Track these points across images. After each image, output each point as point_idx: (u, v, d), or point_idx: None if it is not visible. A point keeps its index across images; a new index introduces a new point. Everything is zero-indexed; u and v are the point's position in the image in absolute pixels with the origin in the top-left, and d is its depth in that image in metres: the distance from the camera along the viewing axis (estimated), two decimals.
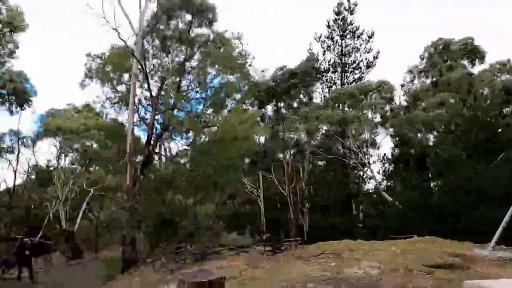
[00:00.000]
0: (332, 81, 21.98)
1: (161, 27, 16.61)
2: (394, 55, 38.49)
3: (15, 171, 27.38)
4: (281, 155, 21.73)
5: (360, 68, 22.14)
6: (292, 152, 19.97)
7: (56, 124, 24.26)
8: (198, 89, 13.78)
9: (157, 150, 11.97)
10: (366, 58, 22.20)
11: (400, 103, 22.46)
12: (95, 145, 25.39)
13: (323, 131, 20.19)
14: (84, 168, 27.19)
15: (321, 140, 19.00)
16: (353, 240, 9.77)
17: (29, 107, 23.67)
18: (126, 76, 13.98)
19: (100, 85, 13.52)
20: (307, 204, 23.14)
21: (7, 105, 23.00)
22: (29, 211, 27.37)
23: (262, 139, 19.95)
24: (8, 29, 12.48)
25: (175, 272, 8.13)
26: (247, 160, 19.54)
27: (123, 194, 10.47)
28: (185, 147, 12.81)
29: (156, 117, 11.75)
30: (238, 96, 14.25)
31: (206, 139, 12.11)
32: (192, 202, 9.99)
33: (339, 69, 21.37)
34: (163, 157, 12.35)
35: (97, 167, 26.94)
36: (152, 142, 11.40)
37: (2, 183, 29.68)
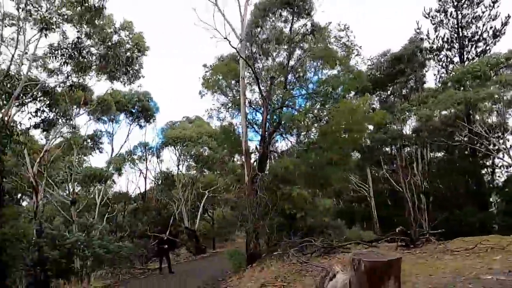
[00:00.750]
0: (448, 60, 19.36)
1: (258, 30, 17.20)
2: None
3: (145, 178, 32.12)
4: (391, 148, 20.07)
5: (485, 39, 18.93)
6: (404, 142, 18.23)
7: (174, 134, 27.50)
8: (302, 85, 13.79)
9: (270, 149, 12.30)
10: (491, 27, 18.89)
11: None
12: (207, 151, 27.86)
13: (442, 117, 17.89)
14: (200, 172, 29.99)
15: (440, 127, 16.84)
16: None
17: (153, 121, 27.50)
18: (234, 83, 14.92)
19: (214, 93, 14.75)
20: (425, 198, 20.80)
21: (136, 121, 27.18)
22: (159, 212, 31.63)
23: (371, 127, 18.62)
24: (137, 52, 14.38)
25: (306, 264, 8.12)
26: (356, 155, 18.60)
27: (244, 191, 10.96)
28: (295, 144, 12.90)
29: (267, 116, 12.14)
30: (341, 89, 13.64)
31: (316, 134, 11.92)
32: (311, 197, 9.91)
33: (456, 45, 18.71)
34: (275, 154, 12.63)
35: (209, 171, 29.37)
36: (265, 140, 11.78)
37: (136, 189, 35.00)
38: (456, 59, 19.13)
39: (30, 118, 10.80)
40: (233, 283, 10.10)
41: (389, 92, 20.75)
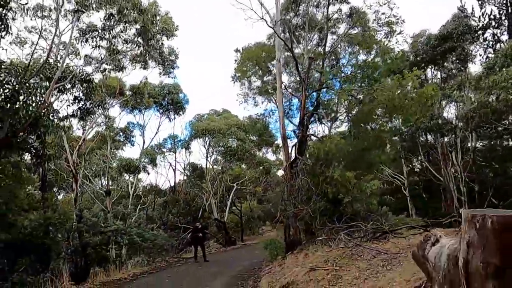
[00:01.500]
0: (495, 39, 17.97)
1: (291, 14, 16.67)
2: None
3: (174, 171, 32.47)
4: (430, 136, 18.97)
5: None
6: (449, 129, 17.14)
7: (203, 126, 27.52)
8: (340, 68, 13.17)
9: (308, 132, 11.82)
10: None
11: None
12: (236, 143, 27.64)
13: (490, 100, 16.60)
14: (229, 163, 29.89)
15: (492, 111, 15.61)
16: None
17: (183, 114, 27.61)
18: (267, 67, 14.55)
19: (246, 78, 14.45)
20: (466, 189, 19.51)
21: (166, 114, 27.38)
22: (188, 204, 31.92)
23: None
24: (165, 36, 14.22)
25: (358, 247, 7.63)
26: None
27: (284, 176, 10.56)
28: (334, 126, 12.35)
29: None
30: (379, 72, 12.90)
31: (357, 115, 11.29)
32: (355, 180, 9.36)
33: (505, 22, 17.28)
34: (313, 138, 12.13)
35: (239, 162, 29.19)
36: (304, 123, 11.31)
37: (166, 182, 35.52)
38: (504, 37, 17.70)
39: (68, 105, 10.86)
40: (275, 270, 9.76)
41: (429, 75, 19.57)
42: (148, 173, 26.05)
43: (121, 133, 26.03)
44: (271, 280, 8.13)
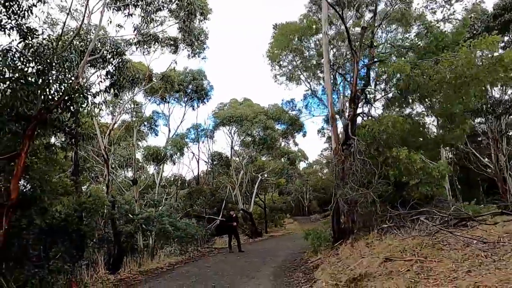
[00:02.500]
0: None
1: None
2: None
3: (197, 161, 31.86)
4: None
5: None
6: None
7: (229, 114, 26.64)
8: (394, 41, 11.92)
9: (359, 110, 10.71)
10: None
11: None
12: (261, 133, 26.63)
13: None
14: (256, 152, 29.01)
15: None
16: None
17: (207, 101, 26.79)
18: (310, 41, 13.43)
19: (284, 55, 13.40)
20: None
21: (190, 103, 26.64)
22: (213, 194, 31.33)
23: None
24: (201, 17, 13.35)
25: (435, 236, 6.57)
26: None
27: (337, 158, 9.53)
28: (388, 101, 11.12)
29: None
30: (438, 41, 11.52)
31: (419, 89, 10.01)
32: (421, 162, 8.23)
33: None
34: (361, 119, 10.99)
35: (267, 151, 28.25)
36: (355, 100, 10.21)
37: (190, 172, 35.11)
38: None
39: (101, 81, 10.13)
40: (330, 260, 8.80)
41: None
42: (174, 163, 25.41)
43: (146, 123, 25.52)
44: (332, 272, 7.17)
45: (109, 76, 10.50)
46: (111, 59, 10.63)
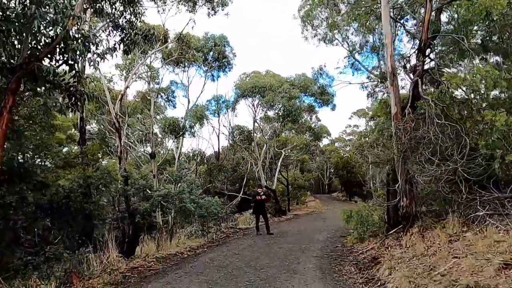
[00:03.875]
0: None
1: None
2: None
3: (218, 136, 30.18)
4: None
5: None
6: None
7: (251, 83, 24.50)
8: None
9: (426, 67, 8.42)
10: None
11: None
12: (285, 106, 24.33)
13: None
14: (281, 125, 26.99)
15: None
16: None
17: (230, 70, 24.63)
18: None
19: (319, 11, 11.10)
20: None
21: (210, 72, 24.55)
22: (234, 170, 29.82)
23: None
24: None
25: None
26: None
27: (398, 124, 7.44)
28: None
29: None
30: None
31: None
32: None
33: None
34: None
35: (292, 124, 26.13)
36: (424, 52, 7.93)
37: (210, 147, 33.65)
38: None
39: (108, 35, 8.31)
40: (392, 253, 6.93)
41: None
42: (194, 135, 23.77)
43: (163, 94, 23.77)
44: (409, 274, 5.29)
45: (118, 30, 8.63)
46: (119, 4, 8.65)
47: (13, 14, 5.81)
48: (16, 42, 6.39)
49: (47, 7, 6.24)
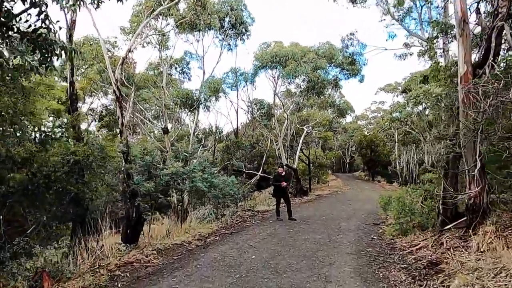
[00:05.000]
0: None
1: None
2: None
3: (236, 111, 28.46)
4: None
5: None
6: None
7: (272, 52, 22.37)
8: None
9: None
10: None
11: None
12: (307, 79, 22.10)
13: None
14: (304, 98, 24.89)
15: None
16: None
17: (248, 38, 22.53)
18: None
19: None
20: None
21: (227, 41, 22.51)
22: (253, 147, 28.24)
23: None
24: None
25: None
26: None
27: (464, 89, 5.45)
28: None
29: None
30: None
31: None
32: None
33: None
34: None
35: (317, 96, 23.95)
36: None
37: (228, 123, 32.02)
38: None
39: None
40: (460, 259, 5.16)
41: None
42: (209, 109, 22.18)
43: (177, 65, 22.06)
44: None
45: None
46: None
47: None
48: None
49: None
